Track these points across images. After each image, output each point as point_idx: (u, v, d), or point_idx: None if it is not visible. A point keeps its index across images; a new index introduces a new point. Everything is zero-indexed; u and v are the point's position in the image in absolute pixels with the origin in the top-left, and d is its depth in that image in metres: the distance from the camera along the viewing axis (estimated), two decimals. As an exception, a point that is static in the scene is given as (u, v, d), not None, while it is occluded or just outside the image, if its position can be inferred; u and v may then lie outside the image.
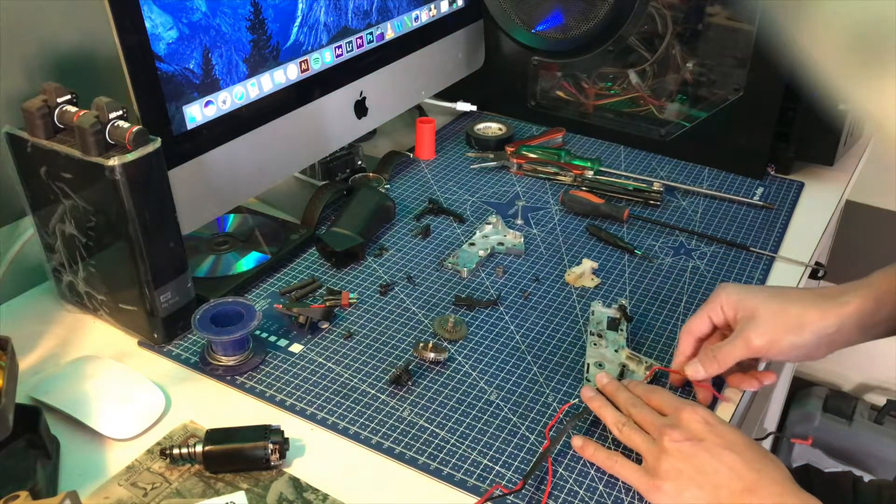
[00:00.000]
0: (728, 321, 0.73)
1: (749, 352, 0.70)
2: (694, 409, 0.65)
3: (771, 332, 0.69)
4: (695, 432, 0.63)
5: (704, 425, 0.63)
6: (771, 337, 0.69)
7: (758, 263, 0.95)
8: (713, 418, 0.64)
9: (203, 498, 0.65)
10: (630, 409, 0.68)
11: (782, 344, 0.69)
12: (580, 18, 1.13)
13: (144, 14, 0.74)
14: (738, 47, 1.10)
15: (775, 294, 0.71)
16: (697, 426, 0.63)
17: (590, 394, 0.71)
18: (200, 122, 0.83)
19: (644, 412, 0.67)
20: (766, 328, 0.69)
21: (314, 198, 1.01)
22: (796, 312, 0.69)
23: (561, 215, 1.05)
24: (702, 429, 0.63)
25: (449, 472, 0.68)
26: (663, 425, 0.64)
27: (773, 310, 0.69)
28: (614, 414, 0.68)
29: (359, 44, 1.03)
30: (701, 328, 0.74)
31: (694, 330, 0.74)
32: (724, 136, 1.13)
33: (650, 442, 0.64)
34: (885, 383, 1.80)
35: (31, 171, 0.77)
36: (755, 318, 0.69)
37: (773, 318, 0.69)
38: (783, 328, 0.69)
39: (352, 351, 0.81)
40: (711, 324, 0.74)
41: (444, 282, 0.91)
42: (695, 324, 0.74)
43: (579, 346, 0.82)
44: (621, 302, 0.85)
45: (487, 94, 1.29)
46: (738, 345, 0.69)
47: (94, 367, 0.78)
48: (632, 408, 0.68)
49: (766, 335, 0.69)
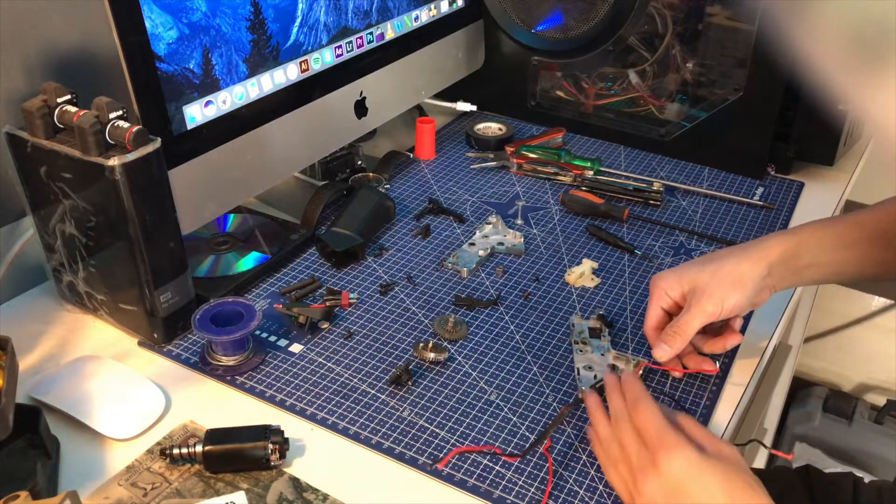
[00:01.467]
0: (677, 302, 0.75)
1: (704, 317, 0.72)
2: (671, 450, 0.59)
3: (717, 293, 0.72)
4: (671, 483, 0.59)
5: (682, 472, 0.59)
6: (719, 297, 0.72)
7: (758, 263, 0.95)
8: (695, 456, 0.59)
9: (203, 498, 0.65)
10: (615, 421, 0.66)
11: (731, 301, 0.72)
12: (580, 18, 1.13)
13: (144, 14, 0.74)
14: (738, 47, 1.10)
15: (705, 260, 0.75)
16: (675, 473, 0.59)
17: (587, 391, 0.71)
18: (200, 122, 0.83)
19: (625, 436, 0.64)
20: (711, 291, 0.72)
21: (314, 198, 1.01)
22: (730, 269, 0.73)
23: (561, 215, 1.05)
24: (679, 477, 0.59)
25: (449, 472, 0.68)
26: (639, 467, 0.61)
27: (711, 273, 0.73)
28: (602, 426, 0.67)
29: (359, 44, 1.03)
30: (658, 320, 0.76)
31: (653, 324, 0.76)
32: (724, 136, 1.13)
33: (628, 482, 0.62)
34: (885, 383, 1.80)
35: (31, 171, 0.77)
36: (698, 286, 0.73)
37: (713, 280, 0.72)
38: (727, 286, 0.72)
39: (352, 351, 0.81)
40: (664, 312, 0.76)
41: (444, 282, 0.91)
42: (651, 318, 0.76)
43: (579, 346, 0.82)
44: (599, 313, 0.85)
45: (487, 94, 1.29)
46: (693, 314, 0.72)
47: (93, 367, 0.78)
48: (616, 422, 0.66)
49: (713, 297, 0.72)
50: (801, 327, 1.57)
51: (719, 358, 0.80)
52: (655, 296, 0.76)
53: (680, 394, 0.76)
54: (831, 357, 1.85)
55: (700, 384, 0.77)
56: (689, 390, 0.76)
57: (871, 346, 1.78)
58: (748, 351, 0.82)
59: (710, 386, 0.77)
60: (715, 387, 0.77)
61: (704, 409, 0.74)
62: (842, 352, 1.83)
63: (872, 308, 1.77)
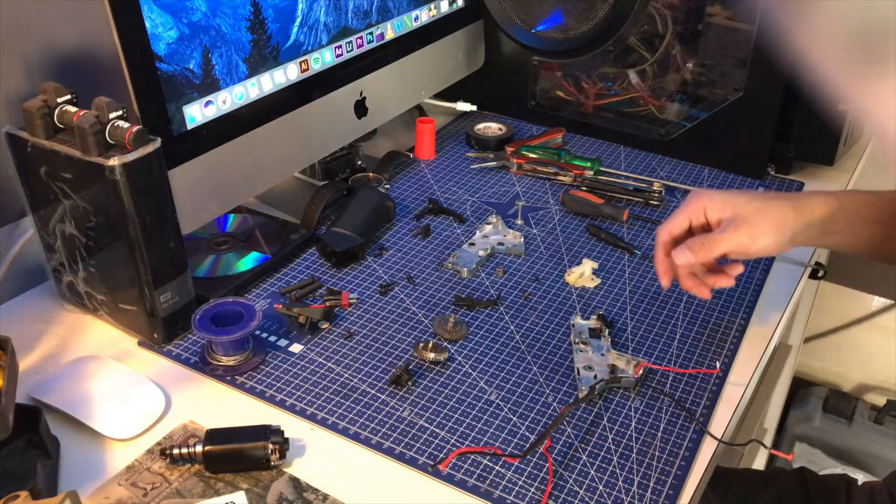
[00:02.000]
0: (709, 222, 0.75)
1: (735, 245, 0.73)
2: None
3: (757, 228, 0.73)
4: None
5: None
6: (756, 233, 0.72)
7: (757, 263, 0.95)
8: None
9: (203, 498, 0.65)
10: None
11: (764, 240, 0.73)
12: (580, 18, 1.13)
13: (144, 14, 0.74)
14: (738, 47, 1.10)
15: (753, 196, 0.75)
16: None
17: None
18: (200, 122, 0.83)
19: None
20: (752, 224, 0.73)
21: (314, 198, 1.01)
22: (776, 212, 0.73)
23: (561, 215, 1.05)
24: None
25: (449, 473, 0.68)
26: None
27: (757, 208, 0.73)
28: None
29: (359, 44, 1.03)
30: (680, 227, 0.76)
31: (673, 229, 0.76)
32: (724, 136, 1.13)
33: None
34: (884, 383, 1.80)
35: (31, 171, 0.77)
36: (740, 215, 0.73)
37: (758, 215, 0.73)
38: (768, 226, 0.73)
39: (352, 351, 0.81)
40: (689, 226, 0.76)
41: (444, 282, 0.91)
42: (675, 224, 0.76)
43: (579, 346, 0.82)
44: (599, 313, 0.85)
45: (487, 94, 1.29)
46: (727, 236, 0.73)
47: (93, 367, 0.78)
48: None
49: (751, 230, 0.72)
50: (801, 327, 1.57)
51: (719, 358, 0.80)
52: (691, 208, 0.76)
53: (680, 394, 0.76)
54: (831, 357, 1.85)
55: (700, 384, 0.77)
56: (689, 390, 0.76)
57: (871, 346, 1.78)
58: (748, 351, 0.82)
59: (710, 386, 0.77)
60: (715, 387, 0.77)
61: (704, 409, 0.74)
62: (842, 352, 1.83)
63: (872, 308, 1.77)
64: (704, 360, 0.80)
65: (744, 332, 0.85)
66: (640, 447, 0.70)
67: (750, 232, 0.72)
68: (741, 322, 0.86)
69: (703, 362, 0.80)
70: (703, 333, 0.84)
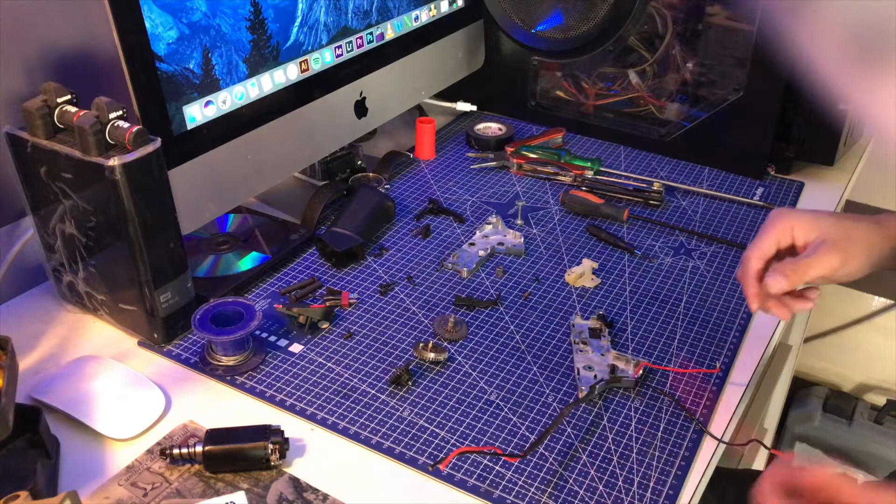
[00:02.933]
0: (796, 244, 0.73)
1: (826, 269, 0.70)
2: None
3: (848, 252, 0.70)
4: None
5: None
6: (847, 257, 0.70)
7: (758, 263, 0.95)
8: None
9: (203, 498, 0.65)
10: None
11: (854, 264, 0.70)
12: (580, 18, 1.13)
13: (144, 14, 0.74)
14: (738, 47, 1.10)
15: (839, 217, 0.73)
16: None
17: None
18: (200, 122, 0.83)
19: None
20: (843, 248, 0.70)
21: (314, 198, 1.01)
22: (864, 235, 0.71)
23: (561, 215, 1.05)
24: None
25: (449, 472, 0.68)
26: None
27: (845, 231, 0.71)
28: None
29: (359, 44, 1.03)
30: (770, 250, 0.73)
31: (765, 252, 0.73)
32: (724, 136, 1.13)
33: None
34: (884, 383, 1.80)
35: (31, 171, 0.77)
36: (829, 238, 0.71)
37: (847, 238, 0.71)
38: (857, 249, 0.71)
39: (352, 351, 0.81)
40: (777, 248, 0.73)
41: (444, 282, 0.91)
42: (766, 246, 0.73)
43: (579, 346, 0.82)
44: (599, 313, 0.85)
45: (487, 94, 1.29)
46: (818, 260, 0.70)
47: (93, 367, 0.78)
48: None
49: (842, 254, 0.70)
50: (801, 327, 1.57)
51: (719, 358, 0.80)
52: (779, 229, 0.73)
53: (680, 394, 0.76)
54: (831, 357, 1.85)
55: (700, 384, 0.77)
56: (689, 390, 0.76)
57: (871, 346, 1.78)
58: (748, 351, 0.82)
59: (710, 386, 0.77)
60: (715, 387, 0.77)
61: (704, 409, 0.74)
62: (842, 352, 1.83)
63: (872, 308, 1.77)
64: (704, 360, 0.80)
65: (744, 332, 0.85)
66: (640, 447, 0.70)
67: (841, 256, 0.70)
68: (741, 322, 0.86)
69: (703, 362, 0.80)
70: (703, 333, 0.84)
